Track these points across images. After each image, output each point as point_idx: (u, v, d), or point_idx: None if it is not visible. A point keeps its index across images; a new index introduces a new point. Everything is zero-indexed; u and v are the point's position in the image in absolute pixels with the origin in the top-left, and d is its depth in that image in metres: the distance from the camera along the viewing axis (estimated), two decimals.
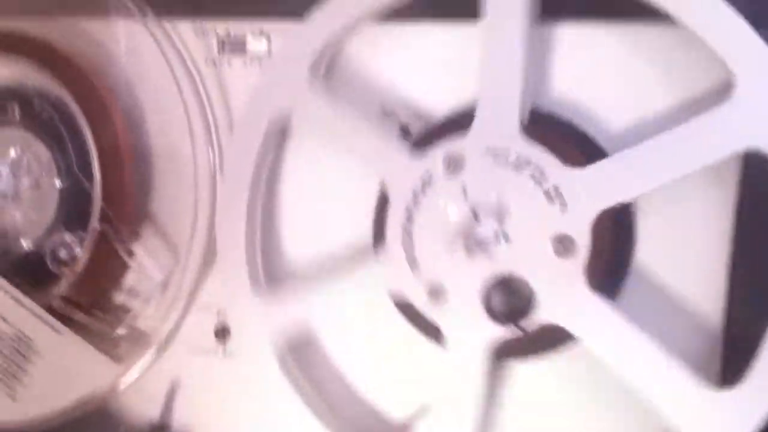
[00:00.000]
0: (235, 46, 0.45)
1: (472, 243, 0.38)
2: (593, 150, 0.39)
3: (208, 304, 0.46)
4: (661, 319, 0.38)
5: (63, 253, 0.48)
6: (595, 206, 0.36)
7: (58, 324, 0.48)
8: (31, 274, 0.49)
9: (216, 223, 0.44)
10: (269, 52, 0.44)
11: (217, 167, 0.45)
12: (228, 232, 0.44)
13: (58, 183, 0.48)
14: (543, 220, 0.37)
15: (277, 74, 0.42)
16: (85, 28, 0.48)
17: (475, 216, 0.38)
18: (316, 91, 0.41)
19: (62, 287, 0.48)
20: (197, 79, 0.46)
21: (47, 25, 0.48)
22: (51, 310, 0.48)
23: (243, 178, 0.43)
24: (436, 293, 0.39)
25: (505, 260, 0.37)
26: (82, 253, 0.47)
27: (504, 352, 0.39)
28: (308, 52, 0.41)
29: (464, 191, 0.38)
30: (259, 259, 0.44)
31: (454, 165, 0.38)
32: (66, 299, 0.48)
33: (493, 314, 0.38)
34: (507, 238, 0.38)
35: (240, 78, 0.45)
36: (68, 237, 0.48)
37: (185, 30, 0.46)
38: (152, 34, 0.46)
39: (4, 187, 0.50)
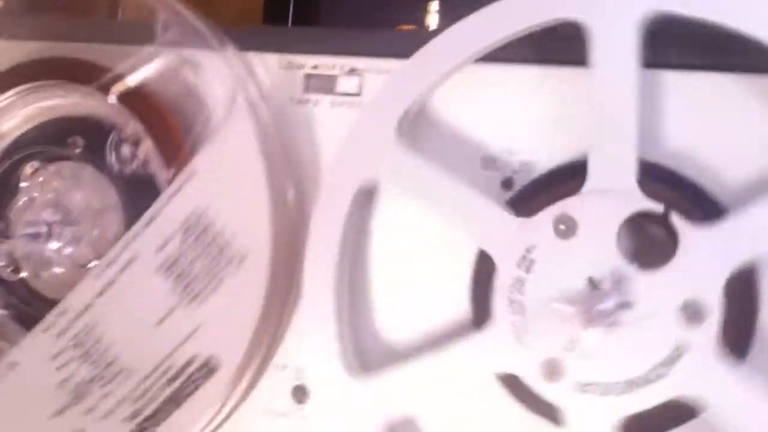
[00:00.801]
0: (324, 84, 0.42)
1: (591, 315, 0.35)
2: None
3: (285, 363, 0.42)
4: None
5: (126, 149, 0.45)
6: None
7: None
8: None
9: (303, 280, 0.41)
10: (360, 91, 0.42)
11: (297, 212, 0.42)
12: (314, 298, 0.40)
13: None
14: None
15: (363, 135, 0.39)
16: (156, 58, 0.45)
17: (593, 285, 0.35)
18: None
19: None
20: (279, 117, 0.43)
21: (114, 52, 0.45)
22: None
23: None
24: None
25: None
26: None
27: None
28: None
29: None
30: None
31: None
32: None
33: None
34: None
35: (328, 118, 0.42)
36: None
37: (269, 64, 0.43)
38: (231, 66, 0.43)
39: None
